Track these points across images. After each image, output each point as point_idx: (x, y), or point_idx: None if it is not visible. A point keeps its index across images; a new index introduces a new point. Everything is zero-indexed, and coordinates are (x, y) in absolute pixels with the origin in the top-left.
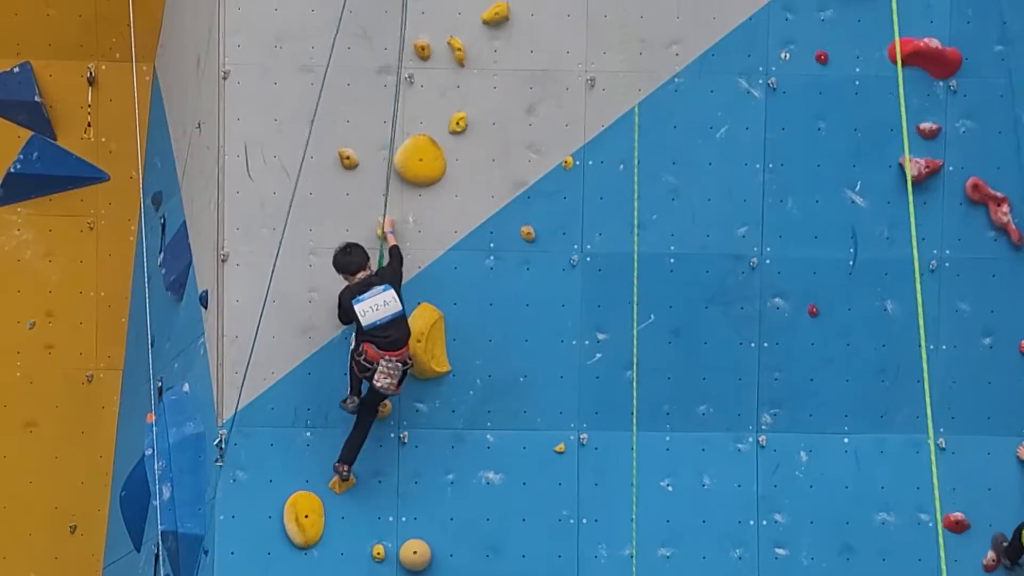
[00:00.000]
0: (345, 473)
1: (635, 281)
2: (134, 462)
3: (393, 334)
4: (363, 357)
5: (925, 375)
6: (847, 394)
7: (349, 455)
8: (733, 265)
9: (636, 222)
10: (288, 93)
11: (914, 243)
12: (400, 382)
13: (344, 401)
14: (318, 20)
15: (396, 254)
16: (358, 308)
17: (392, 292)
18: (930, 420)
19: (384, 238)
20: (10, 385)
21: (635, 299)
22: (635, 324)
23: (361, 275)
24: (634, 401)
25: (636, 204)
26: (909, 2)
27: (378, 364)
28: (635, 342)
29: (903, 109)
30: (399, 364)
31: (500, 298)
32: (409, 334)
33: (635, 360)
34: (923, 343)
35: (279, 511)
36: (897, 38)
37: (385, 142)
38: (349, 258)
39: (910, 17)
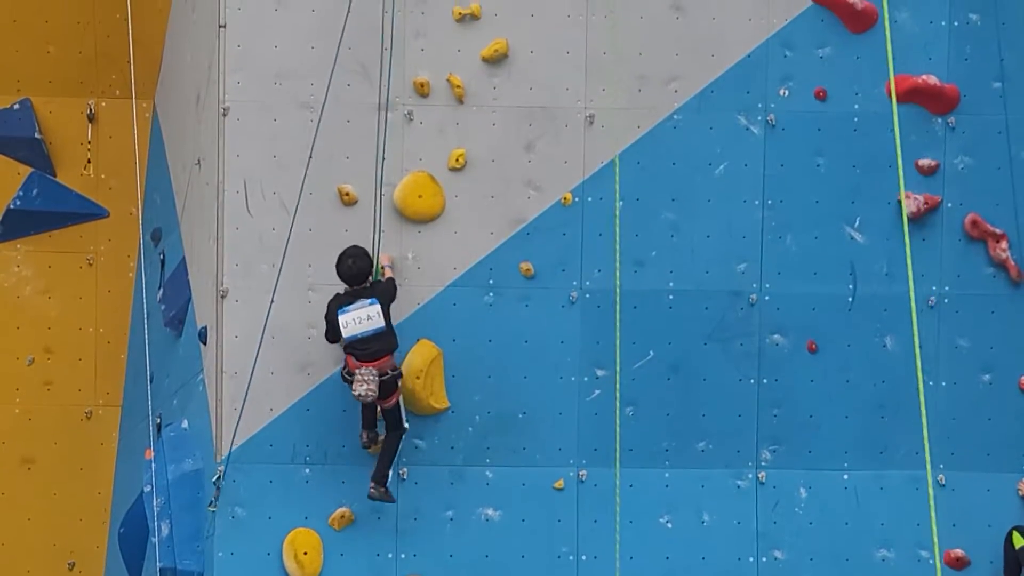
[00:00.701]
0: (382, 493)
1: (617, 317)
2: (133, 499)
3: (373, 346)
4: (345, 369)
5: (923, 411)
6: (847, 430)
7: (379, 476)
8: (732, 301)
9: (618, 259)
10: (288, 130)
11: (911, 278)
12: (385, 390)
13: (360, 436)
14: (317, 57)
15: (390, 282)
16: (342, 319)
17: (378, 307)
18: (928, 457)
19: (381, 272)
20: (9, 421)
21: (617, 334)
22: (618, 361)
23: (357, 286)
24: (615, 435)
25: (617, 242)
26: (907, 39)
27: (356, 374)
28: (619, 378)
29: (897, 145)
30: (375, 372)
31: (499, 334)
32: (393, 347)
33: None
34: (920, 379)
35: (278, 548)
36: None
37: (386, 178)
38: (351, 269)
39: (908, 54)
